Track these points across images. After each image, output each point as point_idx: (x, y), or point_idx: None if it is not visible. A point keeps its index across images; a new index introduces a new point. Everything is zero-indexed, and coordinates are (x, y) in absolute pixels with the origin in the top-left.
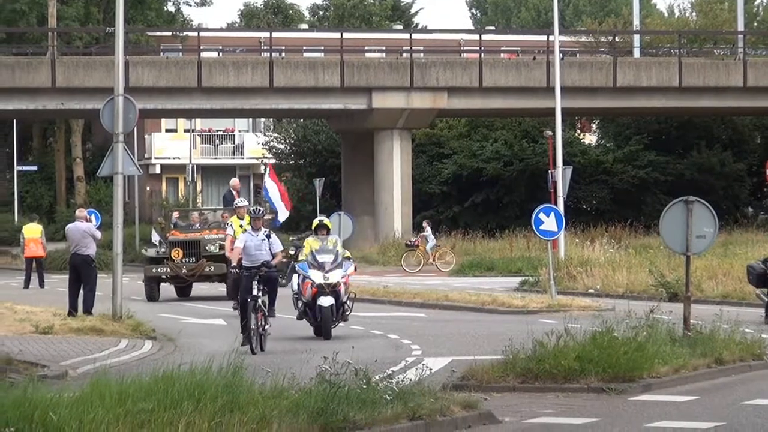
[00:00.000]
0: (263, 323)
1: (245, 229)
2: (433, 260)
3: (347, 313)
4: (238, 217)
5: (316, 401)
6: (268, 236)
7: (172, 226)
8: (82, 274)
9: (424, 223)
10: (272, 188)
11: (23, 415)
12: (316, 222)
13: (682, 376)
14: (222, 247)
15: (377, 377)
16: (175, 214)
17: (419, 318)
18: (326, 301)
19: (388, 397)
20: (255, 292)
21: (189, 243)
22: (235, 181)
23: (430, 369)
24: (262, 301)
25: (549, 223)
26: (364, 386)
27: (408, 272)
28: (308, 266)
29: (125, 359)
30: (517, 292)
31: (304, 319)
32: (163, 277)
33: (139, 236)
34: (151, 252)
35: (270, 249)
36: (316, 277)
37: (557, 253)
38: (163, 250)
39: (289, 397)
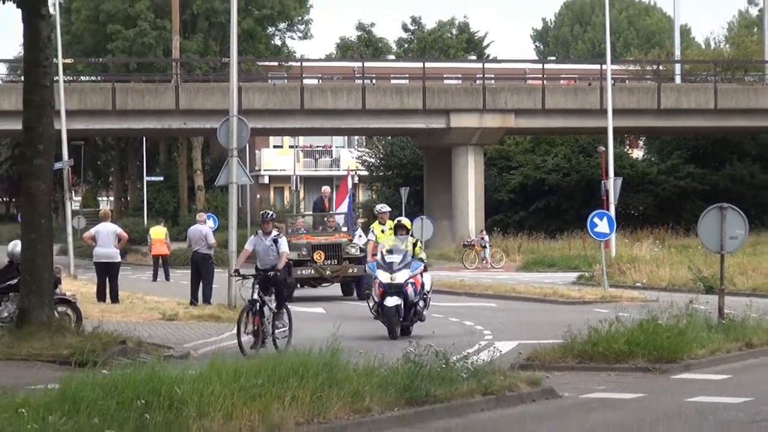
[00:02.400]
0: (267, 326)
1: (382, 232)
2: (489, 261)
3: (422, 312)
4: (379, 223)
5: (403, 378)
6: (275, 240)
7: (290, 231)
8: (201, 269)
9: (483, 232)
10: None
11: (152, 389)
12: (395, 222)
13: (717, 357)
14: (362, 250)
15: (455, 358)
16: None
17: (491, 307)
18: (391, 301)
19: (464, 375)
20: (255, 296)
21: (330, 246)
22: (326, 189)
23: (500, 351)
24: (266, 305)
25: (602, 226)
26: (444, 366)
27: (467, 268)
28: (377, 266)
29: None
30: (575, 285)
31: (379, 320)
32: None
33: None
34: (291, 255)
35: (278, 251)
36: (383, 277)
37: (609, 252)
38: (304, 252)
39: (379, 374)
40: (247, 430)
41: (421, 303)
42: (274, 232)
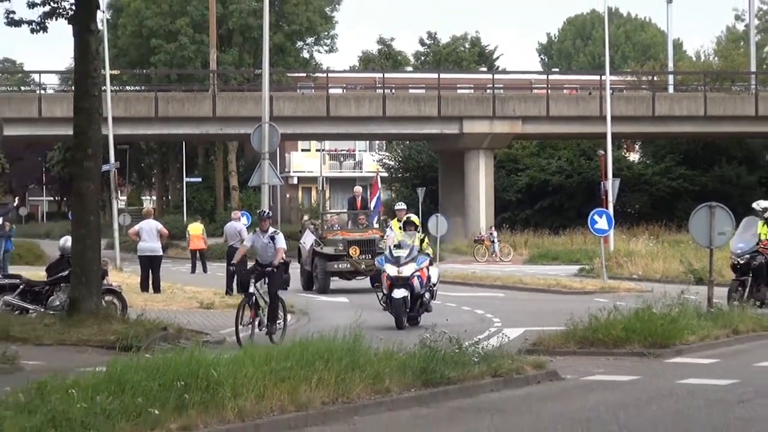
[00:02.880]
0: (263, 318)
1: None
2: (498, 254)
3: (428, 303)
4: (398, 220)
5: (419, 362)
6: (273, 238)
7: (326, 228)
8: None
9: (492, 228)
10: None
11: (191, 371)
12: (404, 218)
13: (706, 343)
14: None
15: (467, 343)
16: (305, 218)
17: (500, 297)
18: (398, 293)
19: (475, 359)
20: (251, 290)
21: (365, 241)
22: (358, 189)
23: (508, 337)
24: (262, 298)
25: (601, 222)
26: (457, 350)
27: (478, 261)
28: (385, 260)
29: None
30: (576, 277)
31: (387, 311)
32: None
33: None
34: (328, 249)
35: (275, 247)
36: (391, 270)
37: (608, 247)
38: (341, 248)
39: (398, 358)
40: (278, 409)
41: (427, 295)
42: (271, 230)
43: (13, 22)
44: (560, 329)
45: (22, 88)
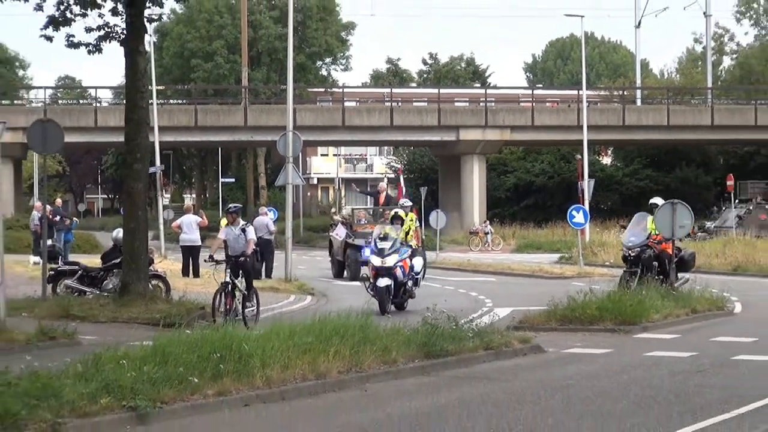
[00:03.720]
0: (238, 305)
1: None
2: (490, 244)
3: (411, 290)
4: (405, 214)
5: (422, 337)
6: (243, 230)
7: (355, 222)
8: (264, 251)
9: (486, 222)
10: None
11: (225, 345)
12: (392, 213)
13: (668, 321)
14: None
15: (463, 321)
16: (335, 216)
17: (491, 281)
18: (382, 281)
19: (470, 335)
20: (227, 279)
21: None
22: (382, 185)
23: (498, 316)
24: (237, 287)
25: (579, 217)
26: (454, 327)
27: (472, 250)
28: (371, 251)
29: (294, 309)
30: (557, 264)
31: (374, 298)
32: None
33: (303, 226)
34: (359, 241)
35: (246, 239)
36: (375, 261)
37: (584, 238)
38: (370, 240)
39: (403, 334)
40: (300, 377)
41: (410, 283)
42: (242, 223)
43: (72, 45)
44: (543, 309)
45: (81, 101)
